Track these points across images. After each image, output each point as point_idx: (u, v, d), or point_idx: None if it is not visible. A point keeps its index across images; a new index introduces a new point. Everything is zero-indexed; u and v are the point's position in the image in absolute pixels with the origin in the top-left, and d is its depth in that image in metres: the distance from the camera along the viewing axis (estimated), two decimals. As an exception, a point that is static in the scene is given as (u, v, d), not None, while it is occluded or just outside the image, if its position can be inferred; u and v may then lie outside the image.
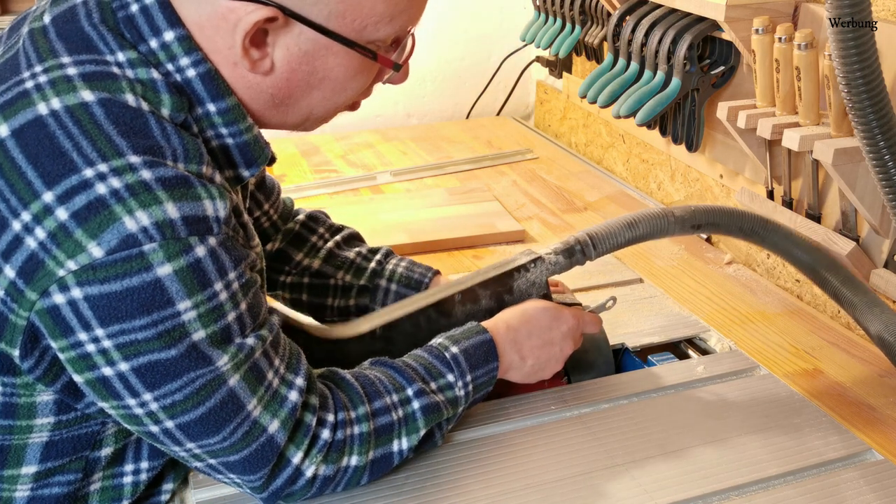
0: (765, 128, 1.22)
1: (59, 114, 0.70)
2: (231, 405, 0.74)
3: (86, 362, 0.71)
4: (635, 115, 1.50)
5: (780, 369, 1.14)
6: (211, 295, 0.71)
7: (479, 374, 0.93)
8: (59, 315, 0.69)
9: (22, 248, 0.68)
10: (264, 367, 0.77)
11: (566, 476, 0.93)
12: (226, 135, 0.78)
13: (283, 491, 0.81)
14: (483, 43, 2.28)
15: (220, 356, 0.73)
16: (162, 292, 0.69)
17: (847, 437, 1.00)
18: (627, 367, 1.18)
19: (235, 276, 0.74)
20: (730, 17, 1.28)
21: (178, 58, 0.75)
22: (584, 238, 1.05)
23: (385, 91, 2.22)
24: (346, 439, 0.82)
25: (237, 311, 0.74)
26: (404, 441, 0.87)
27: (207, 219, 0.71)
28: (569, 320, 1.01)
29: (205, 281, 0.71)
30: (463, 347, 0.92)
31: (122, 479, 0.84)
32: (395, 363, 0.90)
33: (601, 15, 1.75)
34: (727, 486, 0.92)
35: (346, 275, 1.12)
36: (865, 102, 0.97)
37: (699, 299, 1.33)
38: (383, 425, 0.85)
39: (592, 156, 2.01)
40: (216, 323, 0.72)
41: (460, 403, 0.92)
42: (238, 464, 0.77)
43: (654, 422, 1.02)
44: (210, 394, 0.73)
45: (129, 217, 0.67)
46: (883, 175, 1.01)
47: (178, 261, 0.69)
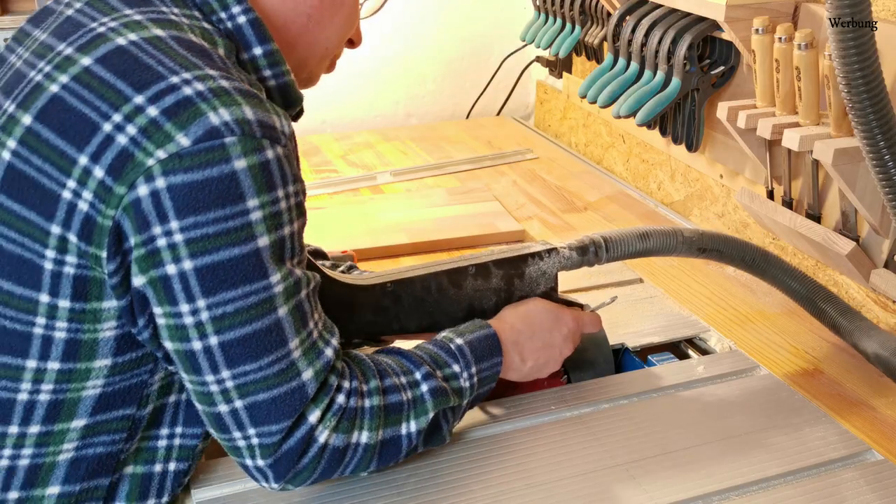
0: (765, 128, 1.22)
1: (138, 42, 0.76)
2: (276, 335, 0.77)
3: (153, 259, 0.73)
4: (635, 115, 1.50)
5: (780, 369, 1.14)
6: (275, 199, 0.75)
7: (484, 367, 0.94)
8: (140, 208, 0.72)
9: (112, 146, 0.72)
10: (308, 311, 0.80)
11: (566, 476, 0.93)
12: (269, 76, 0.84)
13: (294, 456, 0.80)
14: (483, 43, 2.28)
15: (275, 273, 0.76)
16: (237, 185, 0.73)
17: (847, 437, 1.00)
18: (627, 367, 1.18)
19: (293, 191, 0.78)
20: (730, 17, 1.28)
21: (231, 6, 0.82)
22: (598, 240, 1.08)
23: (385, 91, 2.23)
24: (359, 410, 0.83)
25: (292, 227, 0.78)
26: (412, 423, 0.87)
27: (276, 129, 0.76)
28: (569, 323, 1.03)
29: (272, 183, 0.75)
30: (468, 340, 0.94)
31: (156, 441, 0.85)
32: (403, 350, 0.92)
33: (601, 15, 1.75)
34: (727, 486, 0.92)
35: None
36: (865, 102, 0.97)
37: (699, 299, 1.33)
38: (393, 403, 0.85)
39: (592, 156, 2.01)
40: (276, 231, 0.76)
41: (465, 395, 0.92)
42: (265, 405, 0.77)
43: (654, 422, 1.02)
44: (259, 315, 0.75)
45: (213, 112, 0.72)
46: (883, 175, 1.01)
47: (252, 157, 0.73)
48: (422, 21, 2.21)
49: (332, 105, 2.20)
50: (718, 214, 1.56)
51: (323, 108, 2.20)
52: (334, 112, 2.21)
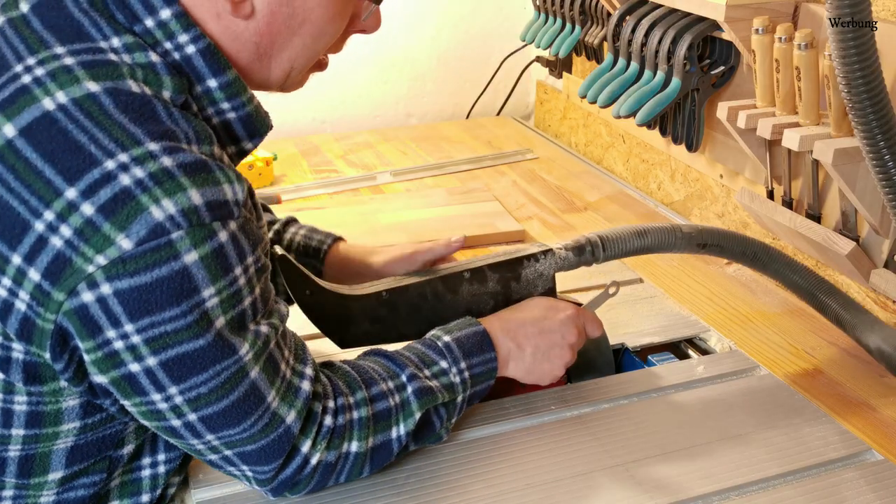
0: (765, 128, 1.22)
1: (67, 107, 0.68)
2: (253, 397, 0.75)
3: (112, 360, 0.70)
4: (635, 115, 1.50)
5: (780, 369, 1.14)
6: (232, 280, 0.72)
7: (475, 362, 0.93)
8: (87, 314, 0.68)
9: (47, 249, 0.67)
10: (278, 358, 0.78)
11: (566, 476, 0.93)
12: (227, 109, 0.78)
13: (290, 481, 0.82)
14: (483, 43, 2.28)
15: (241, 344, 0.74)
16: (189, 280, 0.69)
17: (847, 437, 1.00)
18: (627, 367, 1.18)
19: (252, 261, 0.74)
20: (730, 17, 1.28)
21: (177, 35, 0.74)
22: (594, 239, 1.07)
23: (385, 91, 2.23)
24: (347, 424, 0.83)
25: (252, 295, 0.74)
26: (401, 426, 0.87)
27: (228, 203, 0.71)
28: (566, 308, 1.01)
29: (227, 266, 0.71)
30: (455, 336, 0.94)
31: (139, 472, 0.85)
32: (389, 352, 0.91)
33: (601, 15, 1.75)
34: (727, 486, 0.92)
35: None
36: (865, 102, 0.97)
37: (699, 299, 1.33)
38: (381, 411, 0.86)
39: (592, 156, 2.01)
40: (234, 308, 0.73)
41: (457, 390, 0.91)
42: (254, 454, 0.78)
43: (654, 422, 1.02)
44: (234, 386, 0.74)
45: (155, 206, 0.67)
46: (883, 175, 1.01)
47: (203, 247, 0.69)
48: (422, 21, 2.21)
49: (332, 105, 2.20)
50: (718, 214, 1.56)
51: (323, 108, 2.20)
52: (334, 112, 2.21)
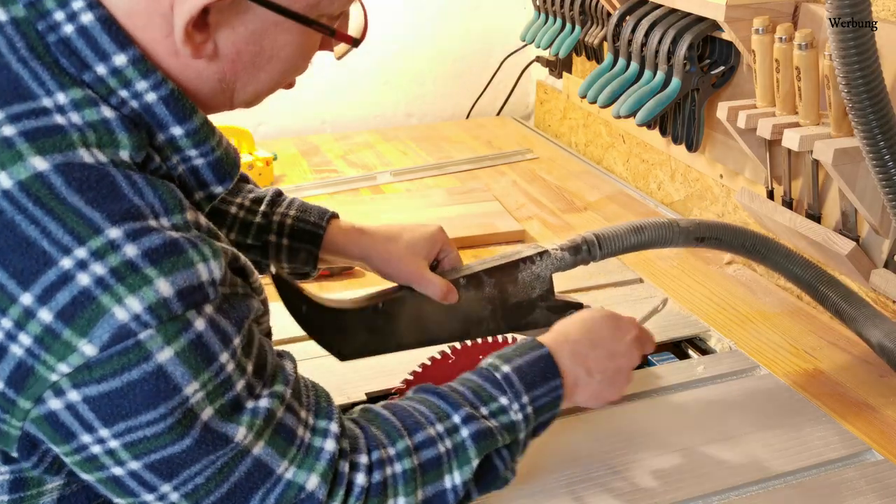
0: (765, 128, 1.22)
1: (12, 194, 0.60)
2: (259, 473, 0.68)
3: (93, 464, 0.65)
4: (635, 115, 1.50)
5: (780, 369, 1.14)
6: (218, 369, 0.65)
7: (539, 393, 0.83)
8: (57, 421, 0.63)
9: (7, 357, 0.61)
10: (292, 424, 0.70)
11: (566, 476, 0.93)
12: (195, 156, 0.71)
13: None
14: (483, 43, 2.28)
15: (236, 430, 0.66)
16: (166, 380, 0.62)
17: (847, 437, 1.00)
18: (627, 367, 1.18)
19: (240, 340, 0.67)
20: (730, 17, 1.28)
21: (134, 83, 0.66)
22: (590, 238, 1.05)
23: (385, 91, 2.23)
24: (387, 480, 0.74)
25: (244, 376, 0.67)
26: (457, 475, 0.76)
27: (203, 285, 0.64)
28: (632, 330, 0.93)
29: (209, 356, 0.64)
30: (516, 365, 0.83)
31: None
32: (439, 389, 0.81)
33: (601, 15, 1.75)
34: (727, 486, 0.92)
35: (231, 233, 1.00)
36: (865, 102, 0.97)
37: (699, 299, 1.33)
38: (430, 459, 0.76)
39: (592, 156, 2.01)
40: (224, 397, 0.65)
41: (519, 429, 0.81)
42: None
43: (654, 422, 1.02)
44: (233, 469, 0.67)
45: (118, 307, 0.60)
46: (883, 175, 1.01)
47: (178, 341, 0.62)
48: (422, 21, 2.21)
49: (332, 105, 2.20)
50: (718, 214, 1.56)
51: (323, 108, 2.20)
52: (334, 112, 2.21)
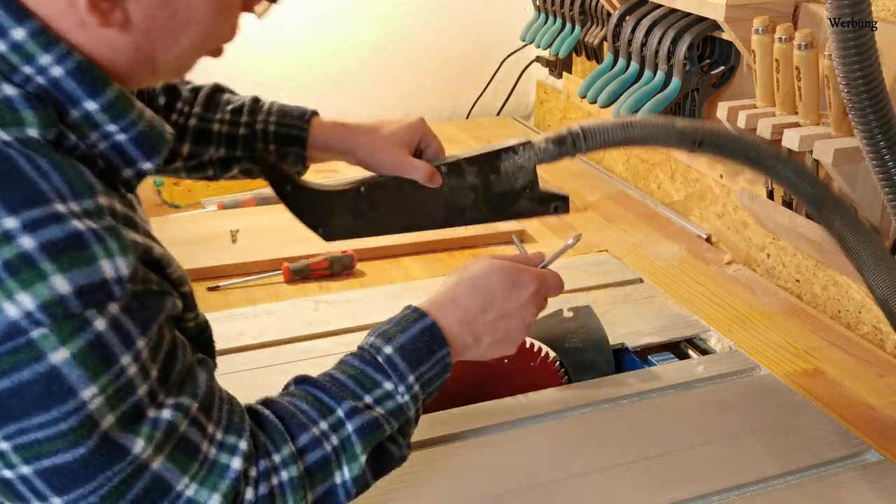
0: (765, 128, 1.22)
1: None
2: (157, 490, 0.64)
3: None
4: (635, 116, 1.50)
5: (780, 369, 1.14)
6: (118, 372, 0.61)
7: (425, 369, 0.79)
8: None
9: None
10: (196, 438, 0.66)
11: (566, 476, 0.93)
12: (115, 132, 0.67)
13: None
14: (483, 43, 2.28)
15: (134, 441, 0.62)
16: (61, 382, 0.58)
17: (847, 437, 1.00)
18: (627, 367, 1.18)
19: (145, 343, 0.63)
20: (730, 17, 1.28)
21: (37, 57, 0.62)
22: (576, 129, 1.00)
23: (385, 91, 2.23)
24: (274, 490, 0.70)
25: (148, 381, 0.63)
26: (346, 471, 0.73)
27: (106, 283, 0.60)
28: (530, 285, 0.87)
29: (109, 358, 0.60)
30: (399, 344, 0.78)
31: None
32: (320, 381, 0.77)
33: (601, 15, 1.75)
34: (727, 486, 0.92)
35: (219, 150, 1.02)
36: (865, 102, 0.97)
37: (699, 299, 1.33)
38: (316, 461, 0.72)
39: (592, 156, 2.01)
40: (125, 402, 0.61)
41: (408, 410, 0.78)
42: None
43: (654, 422, 1.02)
44: (130, 486, 0.62)
45: (9, 303, 0.57)
46: (883, 175, 1.01)
47: (74, 342, 0.58)
48: (421, 21, 2.21)
49: (331, 105, 2.20)
50: (718, 214, 1.56)
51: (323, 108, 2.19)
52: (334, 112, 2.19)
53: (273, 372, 1.12)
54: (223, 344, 1.18)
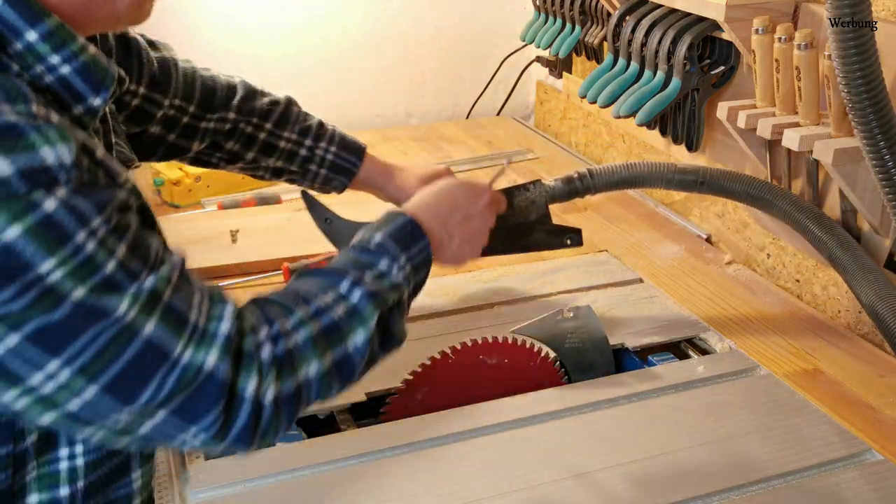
0: (765, 128, 1.22)
1: None
2: (153, 354, 0.66)
3: None
4: (635, 115, 1.50)
5: (780, 369, 1.14)
6: (76, 248, 0.62)
7: (412, 253, 0.87)
8: None
9: None
10: (182, 306, 0.68)
11: (566, 476, 0.93)
12: (58, 63, 0.68)
13: (250, 427, 0.71)
14: (483, 43, 2.28)
15: (116, 303, 0.64)
16: (17, 257, 0.60)
17: (847, 437, 1.00)
18: (627, 367, 1.18)
19: (101, 222, 0.64)
20: (730, 17, 1.28)
21: None
22: (583, 171, 1.18)
23: (385, 91, 2.23)
24: (292, 350, 0.74)
25: (114, 258, 0.65)
26: (359, 335, 0.78)
27: (49, 169, 0.62)
28: (485, 195, 1.02)
29: (63, 235, 0.62)
30: (387, 233, 0.87)
31: (57, 465, 0.77)
32: (318, 269, 0.83)
33: (601, 15, 1.75)
34: (727, 486, 0.92)
35: (278, 160, 1.18)
36: (865, 102, 0.97)
37: (699, 299, 1.33)
38: (328, 325, 0.77)
39: (592, 156, 2.01)
40: (92, 277, 0.63)
41: (402, 287, 0.84)
42: (185, 409, 0.68)
43: (654, 422, 1.02)
44: (124, 346, 0.64)
45: None
46: (883, 175, 1.01)
47: (24, 220, 0.60)
48: (421, 21, 2.21)
49: (332, 105, 2.20)
50: (718, 214, 1.56)
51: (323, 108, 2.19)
52: (334, 112, 2.21)
53: (273, 372, 1.12)
54: (223, 344, 1.18)
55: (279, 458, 0.95)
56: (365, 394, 1.08)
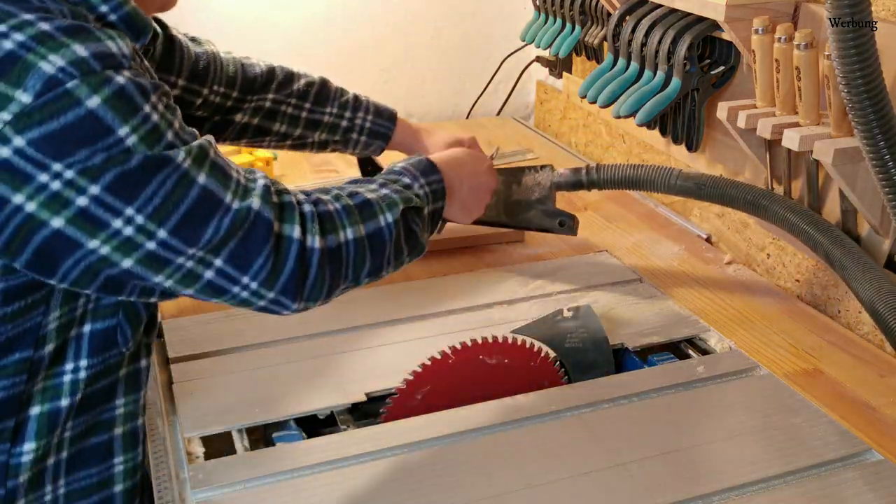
0: (765, 128, 1.22)
1: None
2: (208, 200, 0.79)
3: (59, 200, 0.73)
4: (635, 115, 1.50)
5: (780, 369, 1.14)
6: (145, 116, 0.75)
7: (432, 179, 1.01)
8: (11, 167, 0.71)
9: None
10: (224, 166, 0.82)
11: (566, 476, 0.93)
12: (107, 12, 0.80)
13: (297, 273, 0.83)
14: (483, 43, 2.28)
15: (177, 153, 0.77)
16: (100, 122, 0.72)
17: (847, 437, 1.00)
18: (627, 367, 1.18)
19: (158, 98, 0.78)
20: (730, 17, 1.28)
21: None
22: (590, 164, 1.32)
23: (385, 91, 2.23)
24: (333, 212, 0.88)
25: (172, 129, 0.78)
26: (389, 215, 0.92)
27: (115, 55, 0.74)
28: (486, 160, 1.17)
29: (134, 105, 0.74)
30: (408, 163, 1.02)
31: (61, 378, 0.85)
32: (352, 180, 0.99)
33: (601, 15, 1.75)
34: (727, 486, 0.92)
35: (322, 133, 1.33)
36: (865, 102, 0.97)
37: (699, 299, 1.33)
38: (361, 202, 0.92)
39: (592, 156, 2.01)
40: (159, 143, 0.76)
41: (425, 201, 0.99)
42: (239, 249, 0.80)
43: (654, 422, 1.02)
44: (186, 191, 0.77)
45: (44, 62, 0.70)
46: (883, 175, 1.01)
47: (103, 91, 0.72)
48: (422, 21, 2.21)
49: (332, 105, 2.20)
50: (718, 214, 1.56)
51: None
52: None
53: (273, 372, 1.12)
54: (223, 344, 1.18)
55: (279, 458, 0.95)
56: (365, 394, 1.08)
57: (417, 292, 1.33)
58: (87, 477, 0.90)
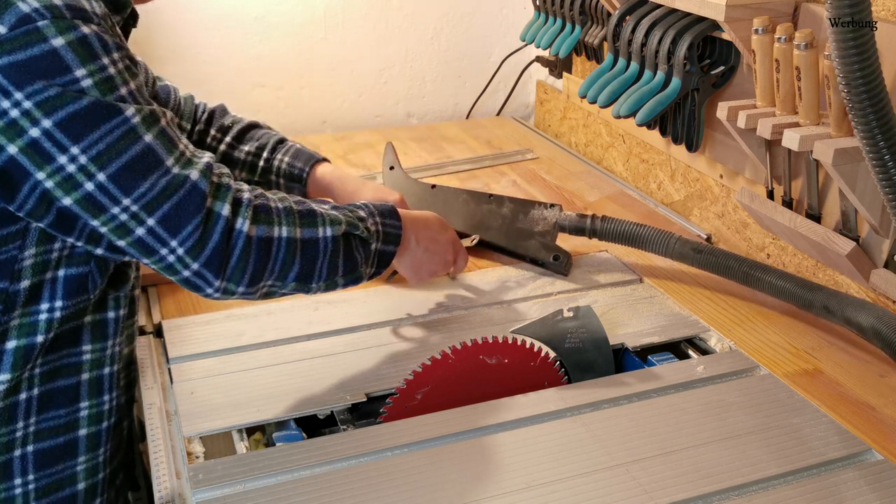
0: (765, 128, 1.22)
1: None
2: (150, 157, 0.86)
3: (15, 128, 0.81)
4: (635, 115, 1.50)
5: (780, 369, 1.14)
6: (101, 66, 0.83)
7: (388, 222, 1.07)
8: None
9: None
10: (173, 136, 0.89)
11: (566, 476, 0.93)
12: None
13: (221, 249, 0.89)
14: (483, 43, 2.28)
15: (127, 107, 0.84)
16: (60, 59, 0.81)
17: (847, 437, 1.00)
18: (627, 367, 1.18)
19: (120, 57, 0.85)
20: (730, 17, 1.28)
21: None
22: (596, 215, 1.37)
23: (385, 91, 2.23)
24: (272, 207, 0.94)
25: (127, 86, 0.85)
26: (328, 229, 0.97)
27: (86, 10, 0.83)
28: (452, 233, 1.20)
29: (93, 53, 0.83)
30: (372, 203, 1.07)
31: (37, 315, 0.92)
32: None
33: (601, 15, 1.75)
34: (727, 486, 0.92)
35: (242, 172, 1.33)
36: (865, 102, 0.97)
37: (699, 299, 1.33)
38: (305, 211, 0.97)
39: (592, 156, 2.01)
40: (112, 92, 0.84)
41: (373, 237, 1.04)
42: (172, 213, 0.86)
43: (654, 422, 1.02)
44: (129, 144, 0.84)
45: (22, 2, 0.80)
46: (883, 175, 1.01)
47: (67, 35, 0.81)
48: (422, 21, 2.21)
49: (332, 105, 2.20)
50: (718, 214, 1.56)
51: (323, 108, 2.20)
52: (334, 112, 2.21)
53: (273, 372, 1.12)
54: (223, 344, 1.18)
55: (279, 458, 0.95)
56: (365, 394, 1.08)
57: (417, 292, 1.33)
58: (56, 417, 0.96)
